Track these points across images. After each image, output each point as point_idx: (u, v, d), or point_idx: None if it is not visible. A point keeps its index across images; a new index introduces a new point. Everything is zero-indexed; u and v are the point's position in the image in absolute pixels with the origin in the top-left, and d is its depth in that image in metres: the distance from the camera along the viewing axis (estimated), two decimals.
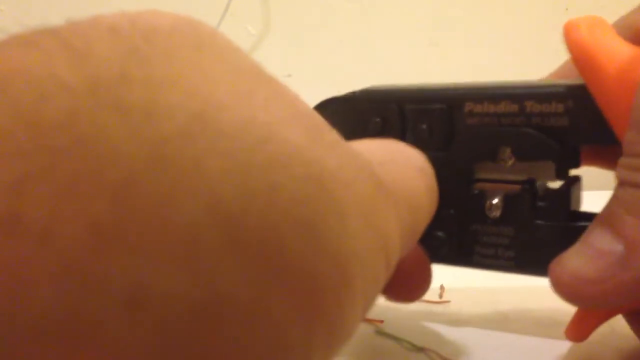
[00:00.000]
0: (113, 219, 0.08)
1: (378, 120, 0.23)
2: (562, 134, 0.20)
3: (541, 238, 0.21)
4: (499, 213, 0.21)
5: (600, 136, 0.19)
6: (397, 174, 0.15)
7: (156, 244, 0.08)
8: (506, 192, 0.21)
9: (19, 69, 0.08)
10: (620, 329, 0.23)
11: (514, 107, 0.21)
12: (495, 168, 0.21)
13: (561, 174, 0.21)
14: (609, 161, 0.19)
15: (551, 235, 0.21)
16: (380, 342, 0.24)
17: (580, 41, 0.19)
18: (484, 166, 0.22)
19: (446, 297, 0.28)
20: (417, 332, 0.24)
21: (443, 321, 0.25)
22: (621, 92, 0.18)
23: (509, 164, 0.21)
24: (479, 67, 0.56)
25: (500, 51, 0.57)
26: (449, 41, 0.58)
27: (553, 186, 0.22)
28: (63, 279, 0.08)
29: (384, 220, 0.13)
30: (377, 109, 0.23)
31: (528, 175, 0.21)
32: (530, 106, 0.20)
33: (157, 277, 0.08)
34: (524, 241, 0.21)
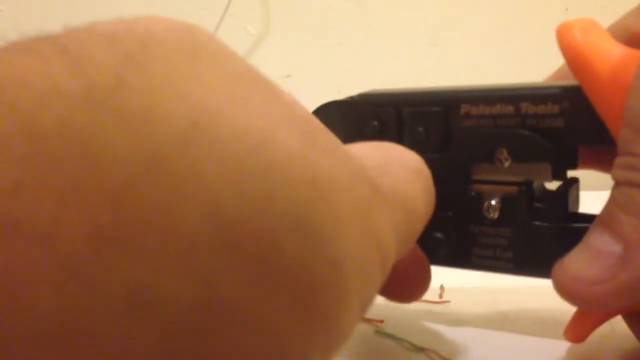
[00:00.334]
0: (113, 223, 0.08)
1: (375, 123, 0.23)
2: (558, 135, 0.20)
3: (539, 239, 0.21)
4: (496, 214, 0.21)
5: (596, 137, 0.19)
6: (393, 177, 0.15)
7: (156, 248, 0.08)
8: (504, 194, 0.21)
9: (17, 76, 0.08)
10: (620, 329, 0.23)
11: (510, 109, 0.21)
12: (492, 169, 0.21)
13: (558, 174, 0.21)
14: (607, 164, 0.19)
15: (549, 237, 0.21)
16: (380, 342, 0.24)
17: (573, 43, 0.19)
18: (481, 167, 0.22)
19: (446, 297, 0.28)
20: (417, 332, 0.24)
21: (443, 321, 0.26)
22: (614, 92, 0.18)
23: (505, 165, 0.21)
24: (479, 67, 0.56)
25: (500, 51, 0.57)
26: (449, 41, 0.58)
27: (551, 187, 0.22)
28: (64, 282, 0.08)
29: (379, 223, 0.13)
30: (375, 112, 0.23)
31: (525, 177, 0.21)
32: (526, 107, 0.20)
33: (157, 280, 0.08)
34: (522, 242, 0.21)
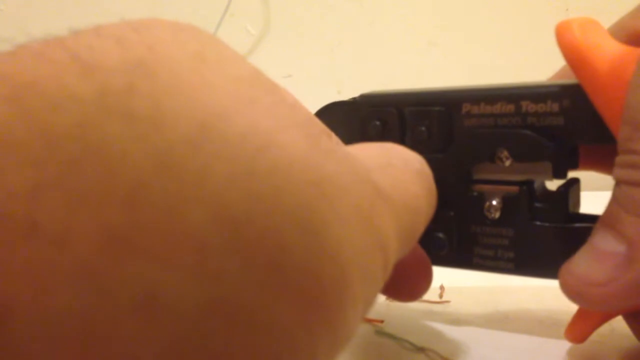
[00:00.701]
0: (125, 224, 0.08)
1: (378, 123, 0.23)
2: (559, 133, 0.20)
3: (540, 239, 0.21)
4: (498, 214, 0.21)
5: (597, 135, 0.19)
6: (395, 177, 0.15)
7: (166, 248, 0.08)
8: (505, 194, 0.21)
9: (31, 82, 0.09)
10: (620, 329, 0.23)
11: (510, 108, 0.21)
12: (493, 169, 0.21)
13: (559, 173, 0.21)
14: (609, 165, 0.19)
15: (550, 237, 0.21)
16: (380, 342, 0.24)
17: (572, 41, 0.19)
18: (482, 167, 0.22)
19: (446, 297, 0.28)
20: (417, 332, 0.24)
21: (443, 321, 0.26)
22: (614, 90, 0.18)
23: (506, 164, 0.21)
24: (479, 67, 0.56)
25: (500, 51, 0.57)
26: (449, 41, 0.58)
27: (552, 188, 0.22)
28: (79, 282, 0.08)
29: (381, 223, 0.13)
30: (377, 112, 0.23)
31: (526, 176, 0.21)
32: (526, 106, 0.20)
33: (167, 280, 0.08)
34: (523, 242, 0.21)
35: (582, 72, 0.19)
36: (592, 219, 0.21)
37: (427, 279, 0.22)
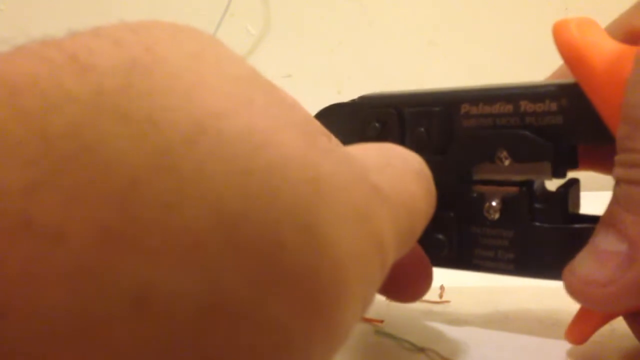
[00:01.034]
0: (121, 222, 0.08)
1: (377, 124, 0.23)
2: (557, 132, 0.20)
3: (540, 240, 0.21)
4: (497, 215, 0.21)
5: (596, 134, 0.19)
6: (393, 178, 0.15)
7: (162, 245, 0.09)
8: (504, 195, 0.21)
9: (28, 82, 0.09)
10: (621, 329, 0.23)
11: (509, 108, 0.21)
12: (492, 169, 0.22)
13: (558, 173, 0.21)
14: (608, 165, 0.19)
15: (550, 238, 0.21)
16: (380, 342, 0.24)
17: (570, 40, 0.19)
18: (481, 167, 0.22)
19: (446, 297, 0.28)
20: (417, 332, 0.24)
21: (443, 321, 0.26)
22: (611, 88, 0.18)
23: (505, 164, 0.21)
24: (479, 67, 0.56)
25: (500, 51, 0.57)
26: (449, 41, 0.58)
27: (552, 188, 0.22)
28: (74, 279, 0.08)
29: (379, 223, 0.13)
30: (376, 113, 0.23)
31: (526, 175, 0.21)
32: (525, 105, 0.20)
33: (163, 277, 0.09)
34: (523, 243, 0.21)
35: (579, 70, 0.19)
36: (592, 219, 0.21)
37: (427, 280, 0.22)
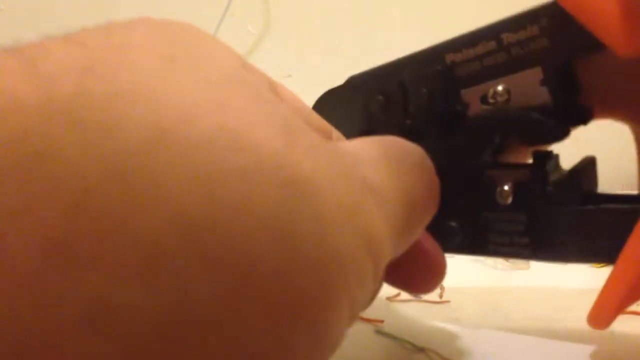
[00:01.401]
0: (67, 234, 0.08)
1: (380, 97, 0.22)
2: (546, 55, 0.20)
3: (555, 223, 0.20)
4: (510, 200, 0.21)
5: (584, 44, 0.19)
6: (389, 171, 0.15)
7: (114, 257, 0.08)
8: (516, 178, 0.21)
9: None
10: (621, 329, 0.23)
11: (492, 44, 0.20)
12: (490, 111, 0.21)
13: (557, 96, 0.20)
14: (623, 113, 0.18)
15: (565, 220, 0.20)
16: (380, 342, 0.24)
17: None
18: (478, 108, 0.21)
19: (446, 297, 0.28)
20: (417, 332, 0.24)
21: (443, 321, 0.25)
22: None
23: (501, 100, 0.20)
24: None
25: None
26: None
27: (565, 169, 0.21)
28: (16, 295, 0.07)
29: (370, 220, 0.13)
30: (378, 85, 0.23)
31: (524, 107, 0.20)
32: (507, 37, 0.20)
33: (116, 291, 0.08)
34: (538, 227, 0.20)
35: None
36: (609, 198, 0.20)
37: (441, 269, 0.21)
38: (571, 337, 0.23)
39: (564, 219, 0.20)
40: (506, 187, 0.21)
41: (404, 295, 0.27)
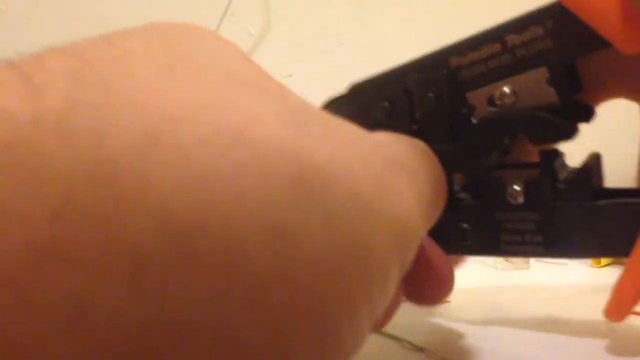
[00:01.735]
0: (51, 237, 0.08)
1: (386, 103, 0.22)
2: (550, 56, 0.20)
3: (567, 220, 0.20)
4: (521, 199, 0.21)
5: (589, 44, 0.19)
6: (407, 149, 0.15)
7: (98, 261, 0.08)
8: (525, 178, 0.21)
9: None
10: (621, 329, 0.23)
11: (497, 47, 0.20)
12: (496, 113, 0.21)
13: (562, 94, 0.20)
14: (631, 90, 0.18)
15: (577, 216, 0.20)
16: (380, 342, 0.24)
17: None
18: (484, 109, 0.21)
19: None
20: (417, 332, 0.24)
21: (443, 321, 0.25)
22: None
23: (509, 102, 0.20)
24: None
25: None
26: (449, 41, 0.58)
27: (573, 166, 0.21)
28: (1, 295, 0.07)
29: (394, 192, 0.12)
30: (383, 92, 0.23)
31: (532, 107, 0.20)
32: (511, 39, 0.20)
33: (99, 294, 0.08)
34: (550, 225, 0.20)
35: None
36: (618, 192, 0.20)
37: (449, 282, 0.20)
38: (571, 336, 0.23)
39: (577, 215, 0.20)
40: (516, 187, 0.21)
41: None
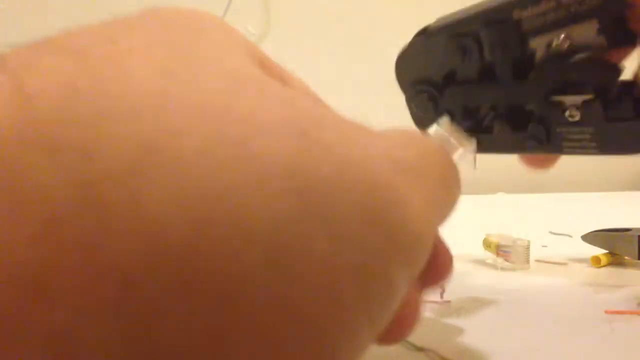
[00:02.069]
0: (32, 265, 0.07)
1: (459, 50, 0.25)
2: (600, 10, 0.21)
3: (619, 129, 0.23)
4: (578, 117, 0.23)
5: None
6: (418, 150, 0.14)
7: (81, 289, 0.08)
8: (582, 100, 0.23)
9: None
10: (621, 329, 0.23)
11: (552, 4, 0.22)
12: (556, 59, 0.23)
13: (612, 40, 0.22)
14: None
15: (629, 126, 0.22)
16: None
17: None
18: (546, 57, 0.24)
19: (446, 297, 0.28)
20: (417, 332, 0.24)
21: (443, 321, 0.25)
22: None
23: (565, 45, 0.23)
24: None
25: None
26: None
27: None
28: None
29: (406, 205, 0.11)
30: (454, 39, 0.25)
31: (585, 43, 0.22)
32: None
33: (82, 325, 0.08)
34: (603, 133, 0.23)
35: None
36: None
37: (449, 266, 0.19)
38: (571, 336, 0.23)
39: (629, 125, 0.23)
40: (574, 109, 0.24)
41: None
